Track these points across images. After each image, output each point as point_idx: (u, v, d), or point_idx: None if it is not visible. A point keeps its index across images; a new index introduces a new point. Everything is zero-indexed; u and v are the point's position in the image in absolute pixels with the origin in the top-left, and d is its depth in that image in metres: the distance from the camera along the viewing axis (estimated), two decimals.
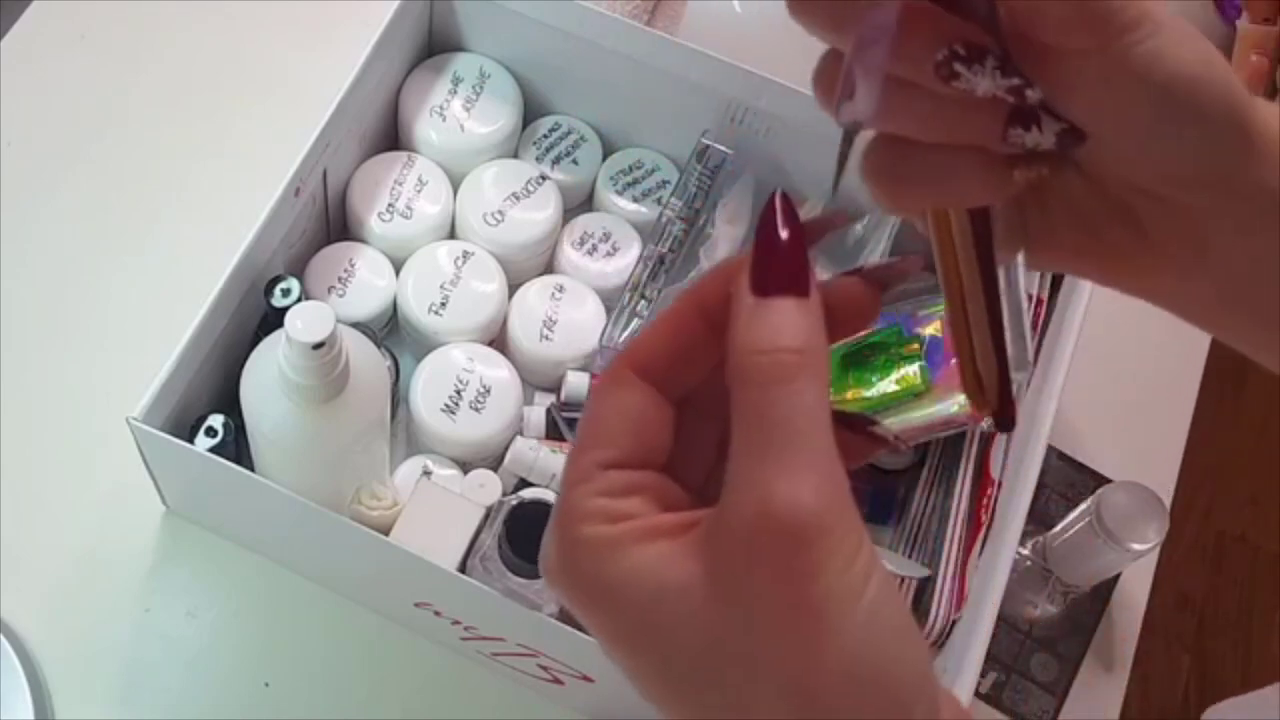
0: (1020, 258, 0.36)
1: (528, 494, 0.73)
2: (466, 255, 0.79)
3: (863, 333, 0.76)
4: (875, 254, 0.79)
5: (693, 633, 0.28)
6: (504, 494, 0.74)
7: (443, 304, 0.77)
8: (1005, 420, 0.37)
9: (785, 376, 0.28)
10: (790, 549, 0.27)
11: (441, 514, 0.68)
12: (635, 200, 0.85)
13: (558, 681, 0.70)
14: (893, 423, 0.73)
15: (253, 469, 0.67)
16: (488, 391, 0.75)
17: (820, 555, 0.27)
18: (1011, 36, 0.31)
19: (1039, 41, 0.31)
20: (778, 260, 0.29)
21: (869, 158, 0.34)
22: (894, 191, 0.34)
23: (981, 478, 0.74)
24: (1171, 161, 0.32)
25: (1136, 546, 0.75)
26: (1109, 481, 0.84)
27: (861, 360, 0.75)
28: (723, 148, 0.80)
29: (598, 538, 0.29)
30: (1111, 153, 0.32)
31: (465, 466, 0.76)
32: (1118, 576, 0.83)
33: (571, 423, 0.76)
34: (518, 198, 0.81)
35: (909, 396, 0.73)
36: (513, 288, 0.80)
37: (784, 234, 0.30)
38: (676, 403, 0.32)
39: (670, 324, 0.32)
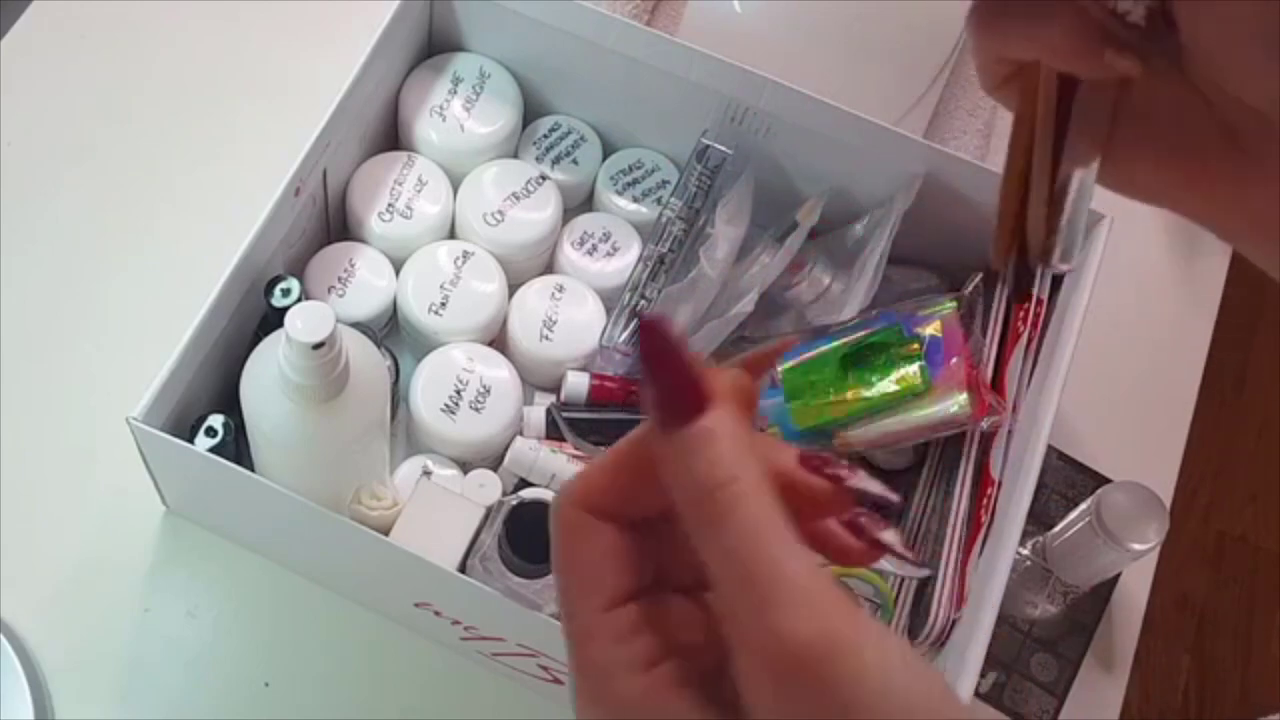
0: (1094, 166, 0.36)
1: (528, 494, 0.73)
2: (466, 255, 0.79)
3: (863, 333, 0.76)
4: (875, 254, 0.79)
5: None
6: (504, 494, 0.74)
7: (443, 304, 0.77)
8: (1028, 280, 0.37)
9: (728, 510, 0.28)
10: (810, 676, 0.27)
11: (441, 514, 0.68)
12: (635, 200, 0.85)
13: (558, 681, 0.70)
14: (892, 423, 0.74)
15: (253, 469, 0.67)
16: (488, 391, 0.75)
17: (839, 671, 0.27)
18: None
19: None
20: (664, 394, 0.29)
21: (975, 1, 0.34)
22: (992, 30, 0.34)
23: (981, 478, 0.74)
24: None
25: (1136, 546, 0.75)
26: (1109, 481, 0.84)
27: (862, 360, 0.75)
28: (723, 148, 0.80)
29: (635, 692, 0.29)
30: (1235, 72, 0.32)
31: (465, 466, 0.76)
32: (1118, 576, 0.83)
33: (571, 423, 0.76)
34: (518, 198, 0.81)
35: (909, 396, 0.73)
36: (513, 288, 0.80)
37: (659, 361, 0.29)
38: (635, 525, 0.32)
39: (614, 462, 0.32)
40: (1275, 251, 0.34)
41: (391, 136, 0.85)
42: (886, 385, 0.74)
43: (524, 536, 0.62)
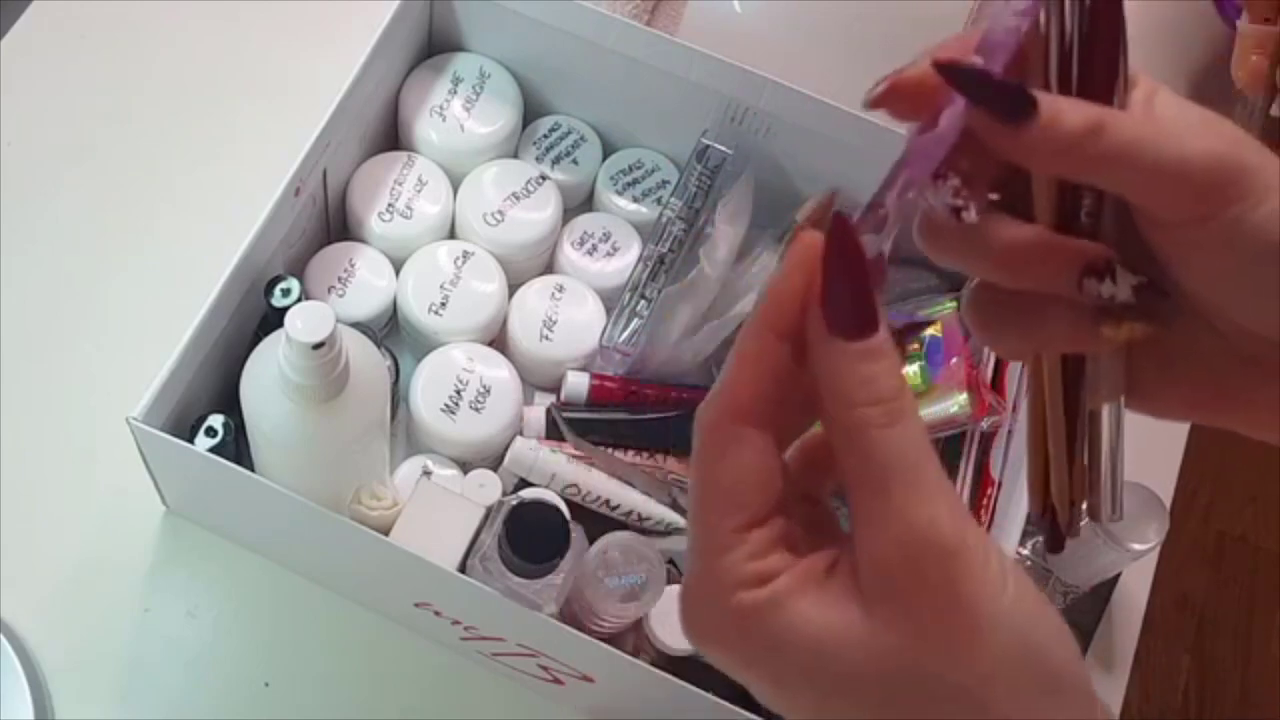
0: (1121, 401, 0.38)
1: (528, 494, 0.73)
2: (466, 255, 0.79)
3: None
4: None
5: (867, 665, 0.30)
6: (504, 494, 0.74)
7: (443, 304, 0.77)
8: (1056, 543, 0.39)
9: (891, 421, 0.30)
10: (937, 565, 0.29)
11: (441, 514, 0.68)
12: (635, 200, 0.85)
13: (558, 681, 0.70)
14: None
15: (253, 469, 0.67)
16: (488, 391, 0.75)
17: (963, 564, 0.29)
18: (1122, 207, 0.33)
19: (1150, 212, 0.33)
20: (851, 300, 0.30)
21: (968, 302, 0.37)
22: (987, 334, 0.37)
23: (981, 478, 0.74)
24: None
25: (1136, 546, 0.75)
26: None
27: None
28: (723, 148, 0.80)
29: (757, 602, 0.31)
30: (1240, 311, 0.33)
31: (465, 466, 0.76)
32: (1118, 576, 0.83)
33: (571, 423, 0.76)
34: (518, 198, 0.81)
35: None
36: (513, 288, 0.80)
37: (854, 269, 0.30)
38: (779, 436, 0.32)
39: (758, 364, 0.32)
40: None
41: (391, 136, 0.85)
42: None
43: (524, 536, 0.62)
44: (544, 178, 0.82)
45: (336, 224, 0.81)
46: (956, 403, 0.72)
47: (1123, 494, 0.39)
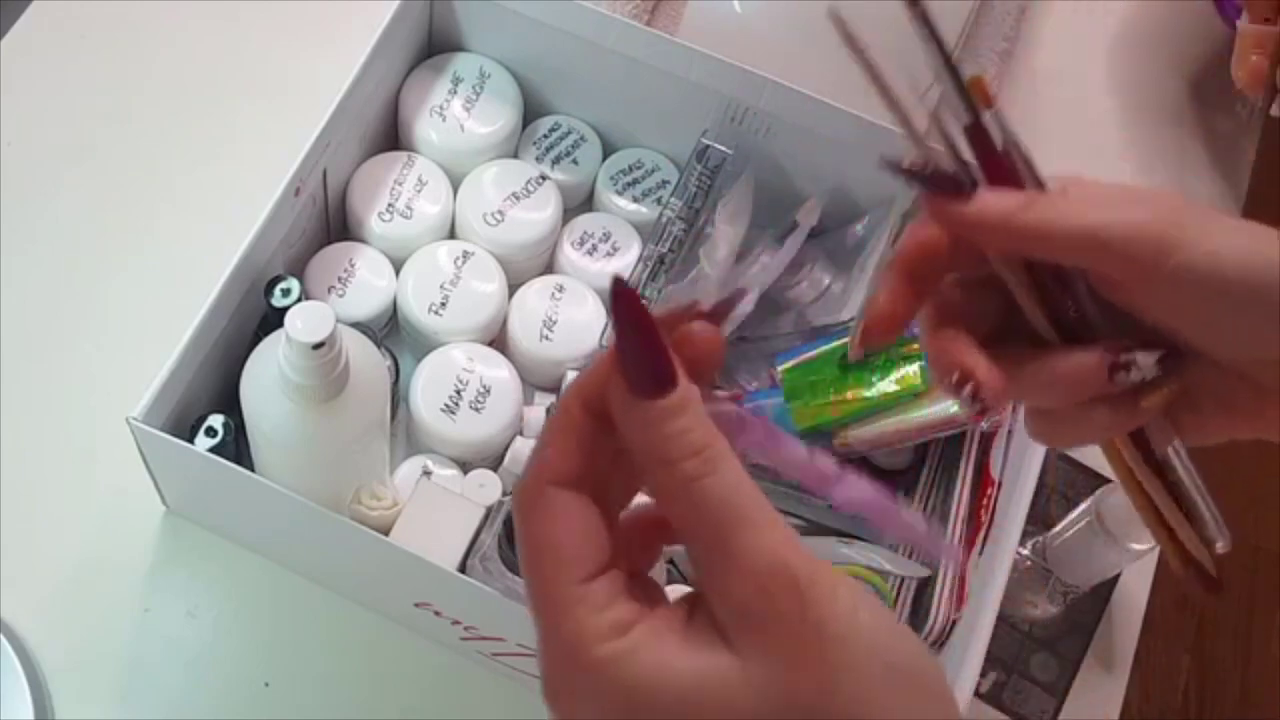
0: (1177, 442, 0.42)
1: None
2: (466, 255, 0.79)
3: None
4: (875, 254, 0.79)
5: (742, 705, 0.30)
6: (504, 494, 0.74)
7: (443, 304, 0.77)
8: (1214, 585, 0.43)
9: (712, 469, 0.31)
10: (790, 593, 0.30)
11: (441, 514, 0.68)
12: (635, 200, 0.85)
13: None
14: (892, 423, 0.74)
15: (253, 469, 0.67)
16: (488, 391, 0.75)
17: (816, 591, 0.30)
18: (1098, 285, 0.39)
19: (1103, 281, 0.38)
20: (646, 360, 0.31)
21: (1029, 425, 0.42)
22: (1052, 442, 0.42)
23: (981, 478, 0.74)
24: (1257, 344, 0.37)
25: (1136, 546, 0.75)
26: (1109, 481, 0.84)
27: (861, 360, 0.75)
28: (723, 148, 0.80)
29: (616, 652, 0.31)
30: (1217, 345, 0.38)
31: (465, 466, 0.76)
32: (1118, 576, 0.83)
33: None
34: (518, 198, 0.81)
35: (909, 396, 0.73)
36: (513, 288, 0.80)
37: (640, 333, 0.31)
38: (599, 493, 0.33)
39: (567, 434, 0.33)
40: None
41: (391, 136, 0.85)
42: (886, 385, 0.74)
43: None
44: (544, 178, 0.82)
45: (336, 224, 0.81)
46: (956, 402, 0.72)
47: (1220, 518, 0.43)
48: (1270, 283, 0.35)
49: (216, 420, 0.68)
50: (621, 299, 0.31)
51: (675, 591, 0.70)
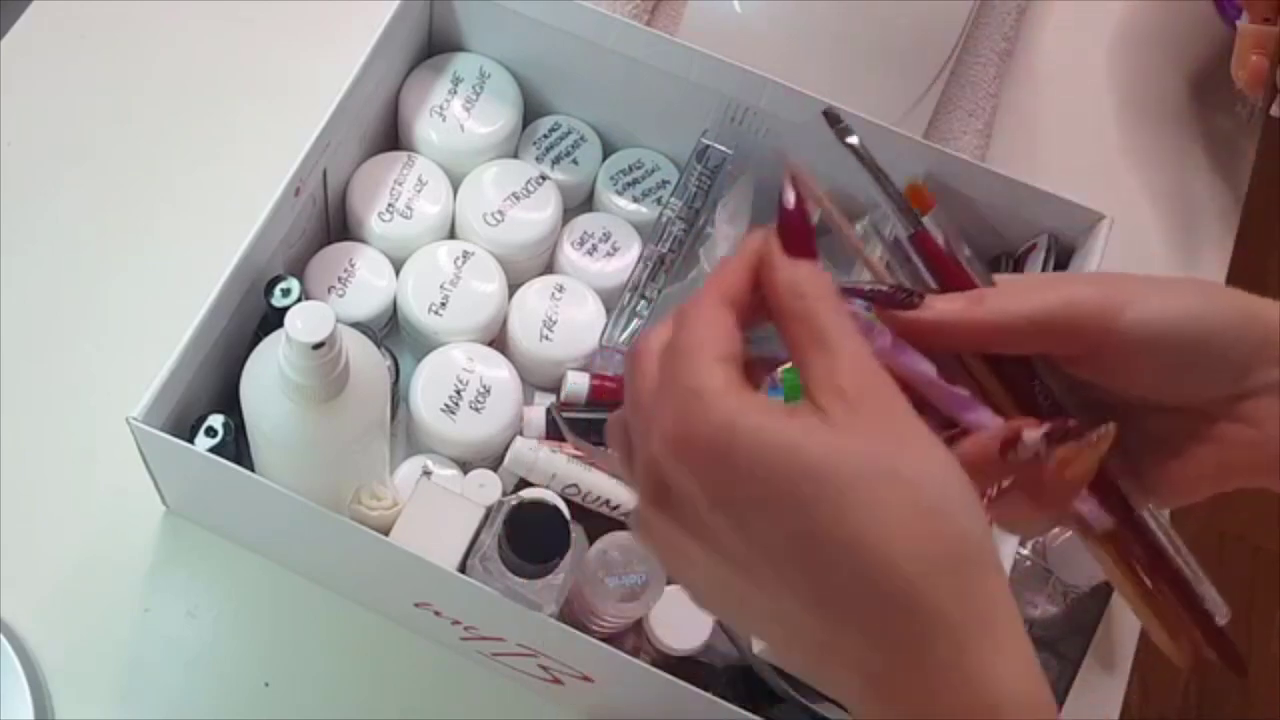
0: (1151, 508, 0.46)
1: (528, 494, 0.73)
2: (466, 255, 0.79)
3: None
4: (874, 254, 0.78)
5: (835, 456, 0.34)
6: (504, 494, 0.74)
7: (443, 304, 0.77)
8: (1237, 663, 0.45)
9: (818, 298, 0.37)
10: (886, 388, 0.35)
11: (441, 514, 0.68)
12: (635, 200, 0.85)
13: (558, 681, 0.70)
14: None
15: (253, 469, 0.67)
16: (488, 391, 0.75)
17: (902, 403, 0.35)
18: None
19: (1060, 362, 0.42)
20: (799, 233, 0.39)
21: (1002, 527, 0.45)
22: (1017, 532, 0.49)
23: None
24: (1209, 387, 0.42)
25: None
26: None
27: None
28: (723, 148, 0.80)
29: (744, 402, 0.35)
30: (1180, 396, 0.42)
31: (465, 466, 0.76)
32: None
33: (571, 423, 0.76)
34: (518, 198, 0.81)
35: None
36: (513, 288, 0.80)
37: (800, 213, 0.39)
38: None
39: (741, 272, 0.39)
40: None
41: (391, 136, 0.85)
42: None
43: (524, 536, 0.62)
44: (544, 178, 0.82)
45: (336, 224, 0.81)
46: None
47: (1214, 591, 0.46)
48: (1212, 329, 0.40)
49: (216, 420, 0.68)
50: (793, 177, 0.39)
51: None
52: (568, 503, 0.73)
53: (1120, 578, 0.44)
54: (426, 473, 0.75)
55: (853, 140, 0.45)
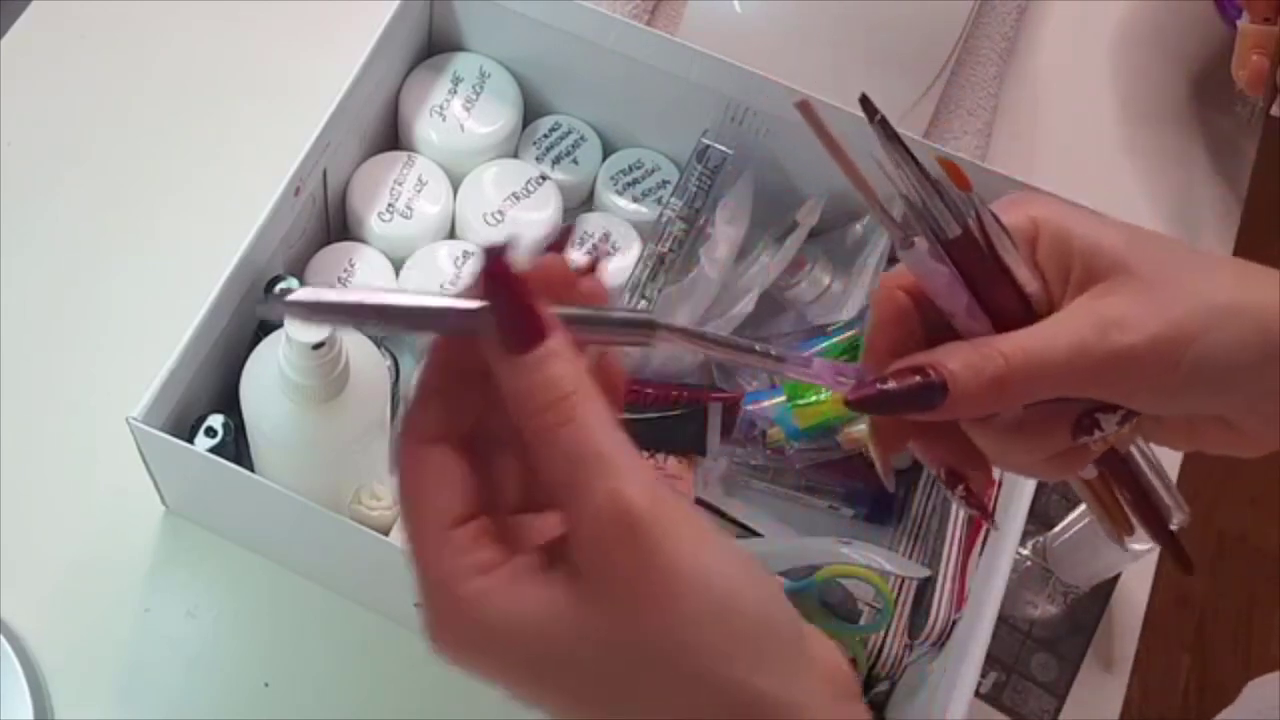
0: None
1: None
2: (466, 255, 0.79)
3: (862, 328, 0.76)
4: (875, 254, 0.79)
5: (580, 646, 0.32)
6: None
7: None
8: (1185, 562, 0.45)
9: (568, 418, 0.32)
10: (627, 541, 0.31)
11: None
12: (635, 200, 0.85)
13: None
14: None
15: (253, 469, 0.67)
16: None
17: (653, 537, 0.31)
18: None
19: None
20: (512, 320, 0.32)
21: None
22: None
23: None
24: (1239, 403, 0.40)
25: (1136, 546, 0.75)
26: None
27: (857, 357, 0.75)
28: (723, 148, 0.80)
29: (477, 592, 0.32)
30: (1198, 409, 0.40)
31: None
32: (1118, 576, 0.83)
33: None
34: (518, 198, 0.81)
35: None
36: None
37: (505, 293, 0.32)
38: (467, 446, 0.35)
39: (429, 393, 0.35)
40: None
41: (391, 136, 0.85)
42: None
43: None
44: (544, 178, 0.82)
45: (336, 224, 0.81)
46: None
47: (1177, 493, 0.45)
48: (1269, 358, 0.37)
49: (216, 420, 0.68)
50: (491, 261, 0.32)
51: None
52: None
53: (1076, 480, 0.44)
54: None
55: (892, 130, 0.40)
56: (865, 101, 0.40)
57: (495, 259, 0.32)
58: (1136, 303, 0.38)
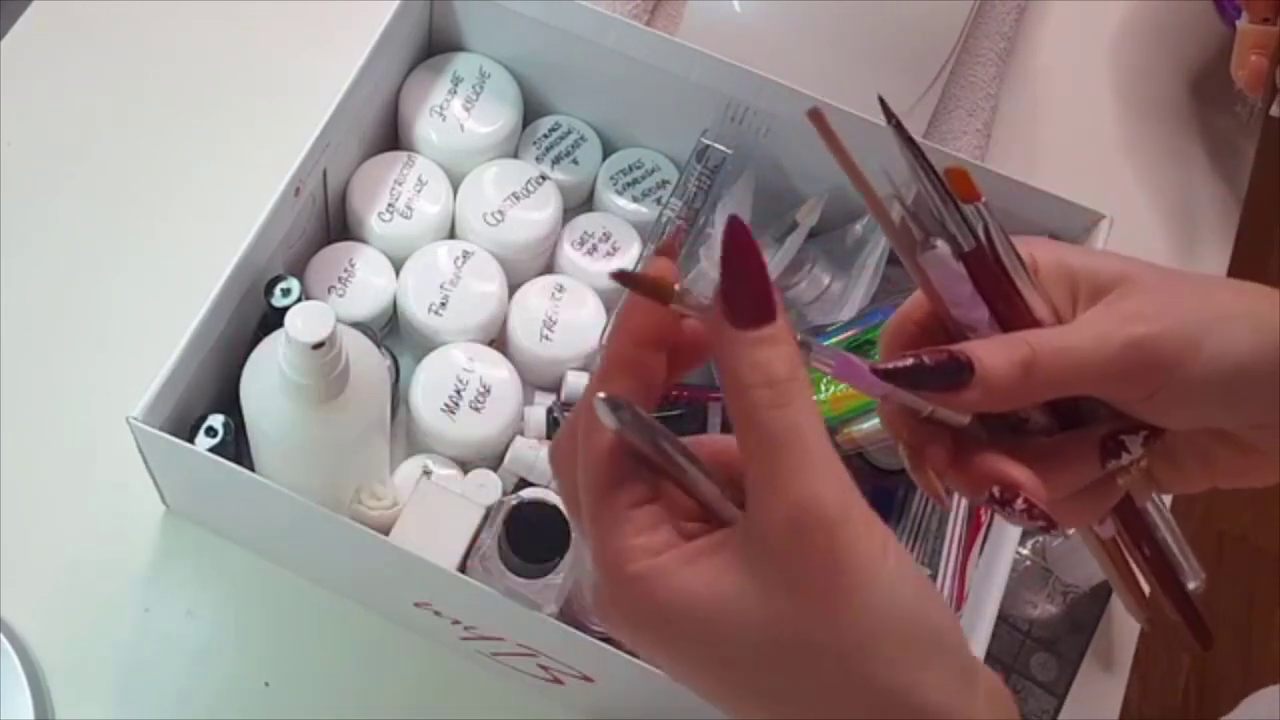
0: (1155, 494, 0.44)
1: (528, 494, 0.73)
2: (466, 255, 0.79)
3: (861, 328, 0.76)
4: (875, 254, 0.79)
5: (752, 633, 0.32)
6: (504, 494, 0.74)
7: (443, 304, 0.77)
8: (1205, 636, 0.45)
9: (785, 402, 0.32)
10: (820, 535, 0.31)
11: (441, 514, 0.68)
12: (635, 200, 0.85)
13: (558, 681, 0.70)
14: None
15: (253, 469, 0.67)
16: (488, 391, 0.75)
17: (845, 538, 0.32)
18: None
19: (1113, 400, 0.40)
20: (750, 292, 0.33)
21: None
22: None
23: None
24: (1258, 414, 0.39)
25: None
26: None
27: (861, 355, 0.75)
28: (723, 147, 0.80)
29: (649, 570, 0.33)
30: (1212, 422, 0.40)
31: (465, 466, 0.76)
32: None
33: None
34: (518, 198, 0.81)
35: None
36: (513, 288, 0.80)
37: (750, 264, 0.33)
38: None
39: (622, 368, 0.35)
40: None
41: (391, 136, 0.85)
42: None
43: (524, 536, 0.62)
44: (544, 178, 0.82)
45: (336, 224, 0.82)
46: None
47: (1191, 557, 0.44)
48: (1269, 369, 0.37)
49: (216, 420, 0.68)
50: (736, 234, 0.33)
51: None
52: None
53: (1094, 541, 0.44)
54: (426, 473, 0.75)
55: (908, 134, 0.40)
56: (883, 104, 0.40)
57: (738, 229, 0.33)
58: (1149, 304, 0.38)
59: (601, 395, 0.33)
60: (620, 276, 0.34)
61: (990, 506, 0.39)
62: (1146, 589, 0.45)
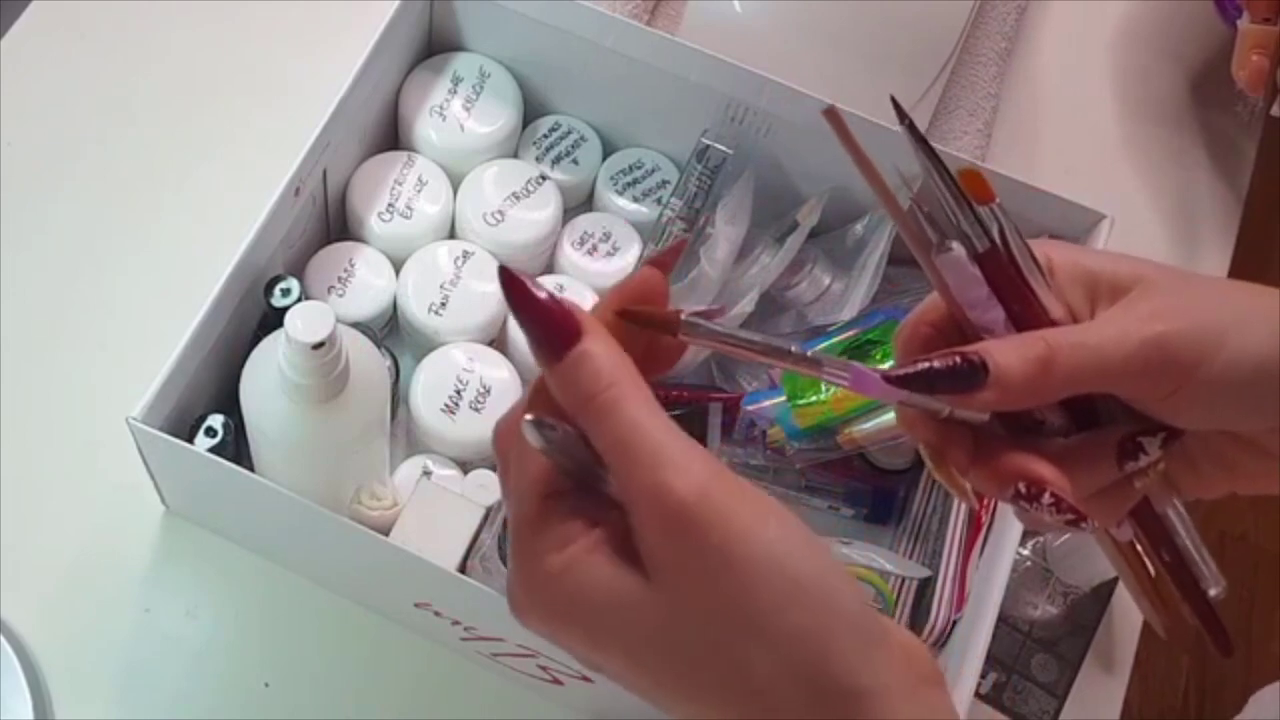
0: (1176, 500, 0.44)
1: None
2: (466, 255, 0.79)
3: (861, 328, 0.76)
4: (875, 254, 0.79)
5: (649, 617, 0.33)
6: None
7: (443, 304, 0.77)
8: (1226, 644, 0.46)
9: (610, 409, 0.33)
10: (680, 522, 0.32)
11: (441, 514, 0.68)
12: (635, 200, 0.85)
13: (557, 681, 0.70)
14: (894, 417, 0.74)
15: (253, 469, 0.67)
16: (488, 391, 0.75)
17: (706, 517, 0.32)
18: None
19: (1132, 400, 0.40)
20: (542, 331, 0.34)
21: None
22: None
23: None
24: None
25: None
26: None
27: (861, 356, 0.75)
28: (723, 147, 0.80)
29: (554, 566, 0.34)
30: (1230, 425, 0.40)
31: (465, 466, 0.76)
32: (1118, 577, 0.83)
33: None
34: (518, 198, 0.81)
35: None
36: None
37: (532, 306, 0.35)
38: None
39: (530, 396, 0.37)
40: None
41: (391, 136, 0.85)
42: None
43: None
44: (544, 178, 0.82)
45: (336, 224, 0.81)
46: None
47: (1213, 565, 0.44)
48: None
49: (216, 420, 0.68)
50: (507, 283, 0.35)
51: None
52: None
53: (1111, 546, 0.44)
54: (426, 473, 0.75)
55: (920, 135, 0.40)
56: (896, 105, 0.40)
57: (510, 277, 0.34)
58: (1168, 303, 0.38)
59: (529, 418, 0.34)
60: (627, 315, 0.36)
61: (1016, 503, 0.39)
62: (1153, 593, 0.45)
